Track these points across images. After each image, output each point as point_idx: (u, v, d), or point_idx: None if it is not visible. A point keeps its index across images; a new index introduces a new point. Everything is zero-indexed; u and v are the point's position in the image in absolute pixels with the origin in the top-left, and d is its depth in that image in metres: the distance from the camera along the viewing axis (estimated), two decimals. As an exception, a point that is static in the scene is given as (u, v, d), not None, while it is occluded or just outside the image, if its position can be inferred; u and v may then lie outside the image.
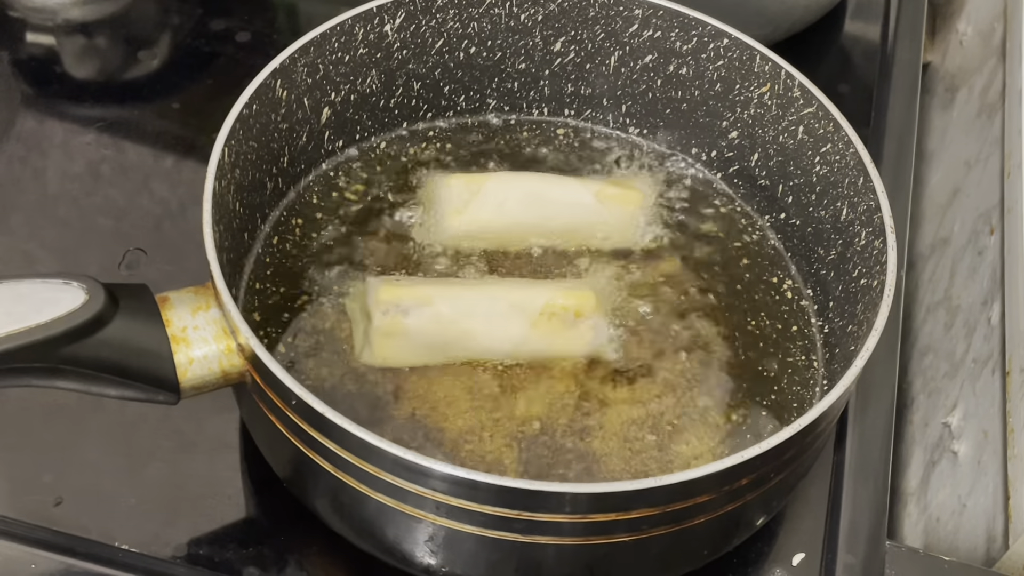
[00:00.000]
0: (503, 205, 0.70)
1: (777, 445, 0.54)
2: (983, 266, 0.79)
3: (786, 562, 0.66)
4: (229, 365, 0.58)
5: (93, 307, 0.55)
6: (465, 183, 0.71)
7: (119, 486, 0.65)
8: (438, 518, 0.55)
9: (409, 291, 0.65)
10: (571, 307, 0.65)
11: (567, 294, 0.65)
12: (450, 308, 0.64)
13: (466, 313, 0.65)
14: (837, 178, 0.67)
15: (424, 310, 0.64)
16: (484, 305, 0.65)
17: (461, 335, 0.64)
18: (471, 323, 0.64)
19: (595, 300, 0.66)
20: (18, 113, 0.84)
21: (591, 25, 0.73)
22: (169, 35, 0.90)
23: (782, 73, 0.69)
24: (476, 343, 0.64)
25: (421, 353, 0.64)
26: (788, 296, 0.70)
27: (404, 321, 0.63)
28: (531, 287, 0.67)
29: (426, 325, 0.64)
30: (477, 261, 0.69)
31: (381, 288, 0.64)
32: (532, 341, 0.64)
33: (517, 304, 0.65)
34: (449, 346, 0.64)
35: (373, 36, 0.70)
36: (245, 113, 0.63)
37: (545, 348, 0.65)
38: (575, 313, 0.65)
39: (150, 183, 0.80)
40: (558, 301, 0.65)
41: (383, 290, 0.64)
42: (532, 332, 0.64)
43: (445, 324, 0.64)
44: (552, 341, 0.65)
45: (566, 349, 0.65)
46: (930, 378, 0.82)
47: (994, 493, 0.68)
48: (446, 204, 0.70)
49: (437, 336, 0.64)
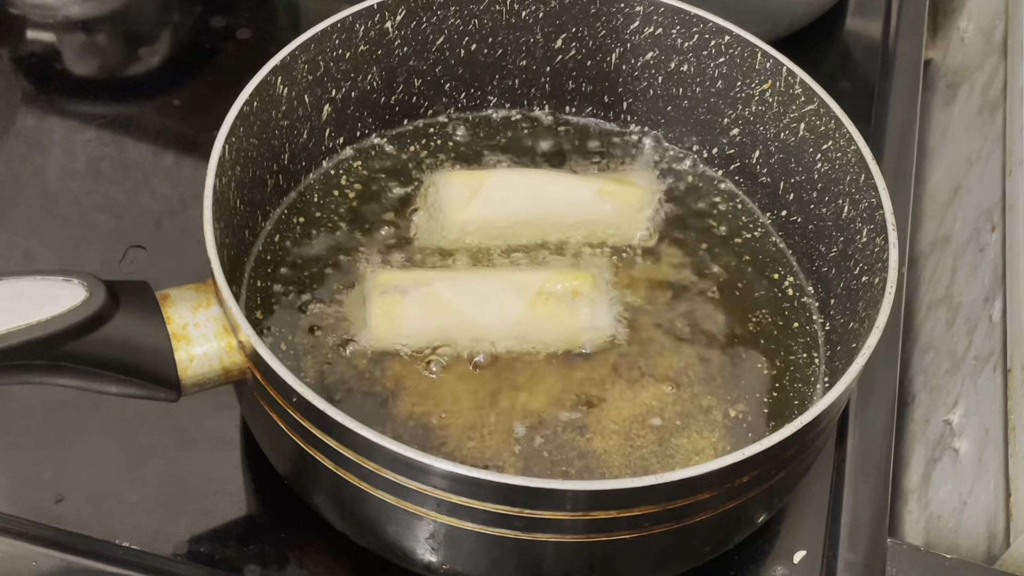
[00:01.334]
0: (504, 202, 0.70)
1: (779, 442, 0.54)
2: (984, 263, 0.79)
3: (787, 559, 0.66)
4: (230, 362, 0.58)
5: (94, 304, 0.55)
6: (466, 180, 0.71)
7: (120, 483, 0.65)
8: (439, 515, 0.55)
9: (407, 274, 0.66)
10: (568, 287, 0.65)
11: (564, 275, 0.66)
12: (448, 289, 0.65)
13: (464, 294, 0.65)
14: (838, 175, 0.67)
15: (422, 290, 0.64)
16: (482, 286, 0.66)
17: (459, 315, 0.64)
18: (469, 303, 0.65)
19: (592, 281, 0.66)
20: (19, 110, 0.84)
21: (592, 22, 0.73)
22: (170, 32, 0.90)
23: (783, 70, 0.69)
24: (474, 323, 0.64)
25: (419, 334, 0.64)
26: (789, 293, 0.70)
27: (402, 300, 0.64)
28: (529, 271, 0.68)
29: (424, 305, 0.64)
30: (478, 257, 0.69)
31: (380, 272, 0.65)
32: (530, 321, 0.65)
33: (515, 285, 0.66)
34: (447, 327, 0.64)
35: (374, 33, 0.70)
36: (246, 110, 0.63)
37: (543, 328, 0.65)
38: (573, 293, 0.65)
39: (151, 180, 0.80)
40: (555, 281, 0.65)
41: (382, 274, 0.65)
42: (530, 312, 0.65)
43: (443, 304, 0.64)
44: (550, 321, 0.65)
45: (564, 328, 0.65)
46: (931, 375, 0.82)
47: (995, 490, 0.68)
48: (447, 201, 0.70)
49: (435, 316, 0.64)
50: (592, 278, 0.66)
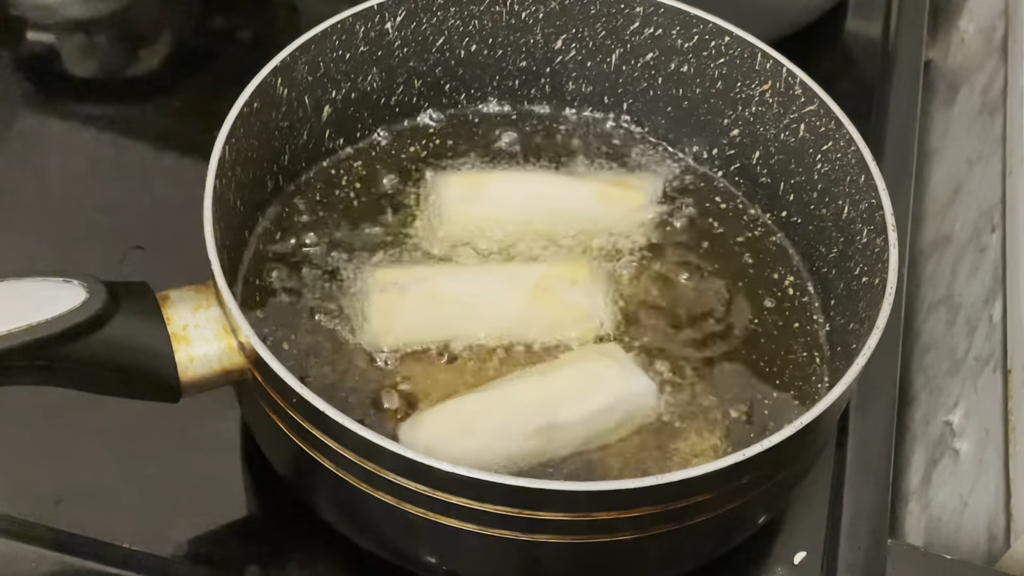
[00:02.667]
0: (504, 204, 0.70)
1: (779, 443, 0.54)
2: (984, 264, 0.79)
3: (788, 560, 0.66)
4: (230, 363, 0.58)
5: (93, 305, 0.55)
6: (467, 182, 0.71)
7: (120, 484, 0.65)
8: (439, 516, 0.54)
9: (406, 270, 0.66)
10: (565, 277, 0.65)
11: (562, 267, 0.67)
12: (447, 284, 0.65)
13: (463, 288, 0.65)
14: (838, 176, 0.67)
15: (422, 285, 0.64)
16: (481, 280, 0.66)
17: (459, 309, 0.64)
18: (468, 297, 0.65)
19: (589, 272, 0.66)
20: (18, 111, 0.84)
21: (592, 23, 0.73)
22: (170, 33, 0.90)
23: (783, 71, 0.69)
24: (474, 317, 0.64)
25: (419, 330, 0.64)
26: (790, 293, 0.70)
27: (402, 297, 0.64)
28: (527, 264, 0.68)
29: (424, 301, 0.64)
30: (478, 259, 0.69)
31: (379, 270, 0.66)
32: (529, 313, 0.65)
33: (513, 278, 0.66)
34: (448, 322, 0.64)
35: (374, 34, 0.70)
36: (246, 111, 0.63)
37: (543, 319, 0.65)
38: (570, 281, 0.65)
39: (151, 181, 0.80)
40: (553, 273, 0.66)
41: (381, 271, 0.66)
42: (529, 304, 0.65)
43: (442, 299, 0.64)
44: (549, 312, 0.65)
45: (564, 318, 0.65)
46: (931, 376, 0.82)
47: (995, 491, 0.68)
48: (447, 203, 0.70)
49: (435, 311, 0.64)
50: (589, 269, 0.67)
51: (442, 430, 0.60)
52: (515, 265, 0.68)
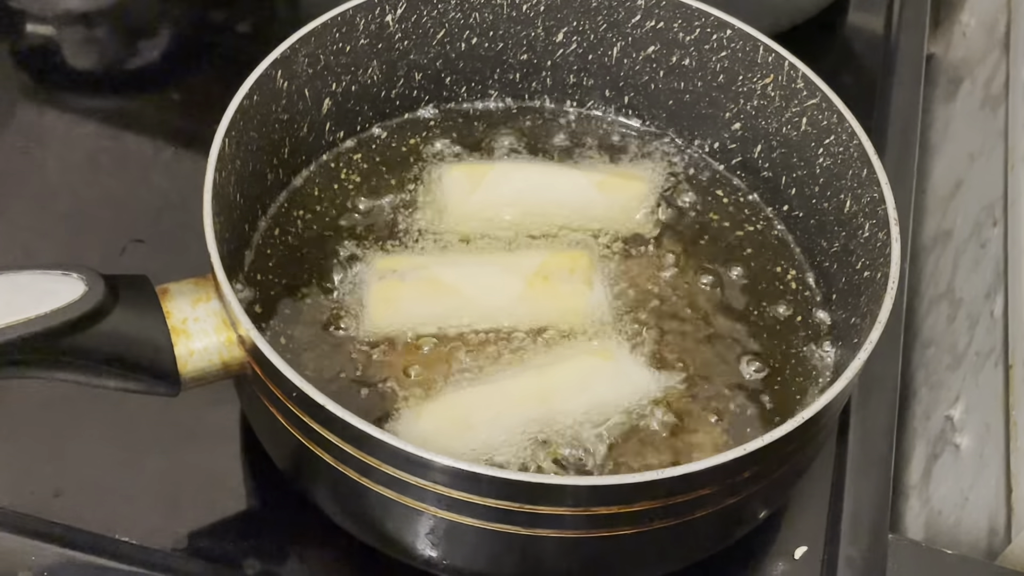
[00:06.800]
0: (505, 195, 0.70)
1: (780, 437, 0.54)
2: (986, 259, 0.79)
3: (788, 555, 0.66)
4: (230, 357, 0.58)
5: (93, 298, 0.55)
6: (468, 173, 0.71)
7: (119, 478, 0.65)
8: (439, 511, 0.54)
9: (405, 258, 0.66)
10: (565, 266, 0.65)
11: (561, 255, 0.67)
12: (446, 272, 0.65)
13: (462, 276, 0.65)
14: (840, 170, 0.67)
15: (421, 273, 0.65)
16: (480, 268, 0.66)
17: (458, 298, 0.64)
18: (468, 286, 0.65)
19: (588, 260, 0.66)
20: (18, 104, 0.84)
21: (593, 15, 0.73)
22: (169, 25, 0.90)
23: (785, 64, 0.69)
24: (473, 305, 0.64)
25: (418, 317, 0.64)
26: (792, 287, 0.69)
27: (401, 284, 0.64)
28: (526, 253, 0.68)
29: (423, 289, 0.64)
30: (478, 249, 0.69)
31: (378, 258, 0.66)
32: (529, 300, 0.65)
33: (513, 267, 0.66)
34: (447, 310, 0.64)
35: (374, 26, 0.70)
36: (246, 104, 0.63)
37: (542, 308, 0.65)
38: (569, 270, 0.65)
39: (150, 174, 0.80)
40: (552, 262, 0.66)
41: (380, 259, 0.66)
42: (528, 291, 0.65)
43: (441, 287, 0.64)
44: (549, 301, 0.65)
45: (563, 307, 0.65)
46: (932, 371, 0.82)
47: (996, 486, 0.68)
48: (448, 194, 0.70)
49: (434, 300, 0.64)
50: (589, 257, 0.67)
51: (441, 423, 0.60)
52: (515, 254, 0.68)
